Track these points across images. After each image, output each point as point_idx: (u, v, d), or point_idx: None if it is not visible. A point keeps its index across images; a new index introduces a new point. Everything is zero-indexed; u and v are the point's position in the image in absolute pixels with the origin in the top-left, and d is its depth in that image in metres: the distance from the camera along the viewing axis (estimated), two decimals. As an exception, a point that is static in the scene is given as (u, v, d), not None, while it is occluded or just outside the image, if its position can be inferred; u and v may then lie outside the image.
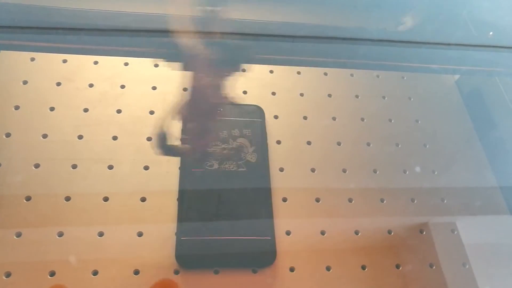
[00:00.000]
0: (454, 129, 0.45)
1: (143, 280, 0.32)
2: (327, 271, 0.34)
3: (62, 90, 0.39)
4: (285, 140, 0.41)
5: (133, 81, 0.41)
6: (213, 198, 0.36)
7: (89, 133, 0.37)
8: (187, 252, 0.33)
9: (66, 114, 0.38)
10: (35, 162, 0.35)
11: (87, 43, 0.36)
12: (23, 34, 0.34)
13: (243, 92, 0.42)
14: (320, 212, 0.37)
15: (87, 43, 0.36)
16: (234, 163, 0.37)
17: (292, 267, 0.34)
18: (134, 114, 0.39)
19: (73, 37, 0.34)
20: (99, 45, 0.36)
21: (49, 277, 0.31)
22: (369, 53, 0.39)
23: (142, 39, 0.33)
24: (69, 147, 0.37)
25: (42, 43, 0.36)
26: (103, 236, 0.33)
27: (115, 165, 0.36)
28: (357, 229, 0.37)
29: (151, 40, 0.34)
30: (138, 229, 0.34)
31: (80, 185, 0.35)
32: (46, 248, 0.32)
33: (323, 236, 0.36)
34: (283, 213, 0.36)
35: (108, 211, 0.34)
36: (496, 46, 0.40)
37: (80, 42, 0.35)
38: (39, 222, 0.33)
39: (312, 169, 0.39)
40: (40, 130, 0.37)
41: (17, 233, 0.32)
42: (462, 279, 0.36)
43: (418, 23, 0.42)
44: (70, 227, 0.33)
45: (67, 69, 0.41)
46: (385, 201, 0.39)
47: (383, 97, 0.46)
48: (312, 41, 0.37)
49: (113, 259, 0.32)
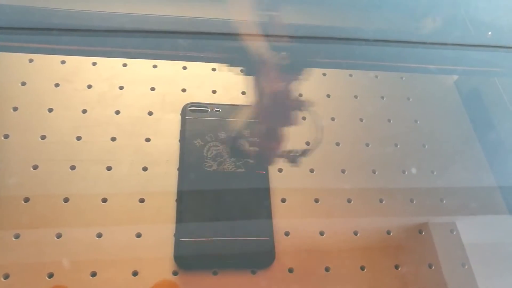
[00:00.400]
0: (453, 129, 0.45)
1: (142, 282, 0.32)
2: (326, 271, 0.34)
3: (60, 91, 0.39)
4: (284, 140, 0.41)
5: (132, 82, 0.41)
6: (212, 199, 0.36)
7: (88, 134, 0.37)
8: (185, 253, 0.33)
9: (65, 115, 0.38)
10: (34, 163, 0.35)
11: (86, 45, 0.36)
12: (21, 35, 0.34)
13: (242, 93, 0.42)
14: (319, 212, 0.37)
15: (85, 44, 0.36)
16: (233, 164, 0.37)
17: (291, 268, 0.34)
18: (133, 115, 0.39)
19: (71, 38, 0.34)
20: (98, 46, 0.36)
21: (48, 279, 0.31)
22: (367, 53, 0.39)
23: (140, 40, 0.33)
24: (67, 148, 0.36)
25: (40, 45, 0.36)
26: (102, 237, 0.33)
27: (113, 166, 0.36)
28: (356, 230, 0.37)
29: (149, 41, 0.34)
30: (136, 230, 0.34)
31: (79, 186, 0.35)
32: (44, 250, 0.32)
33: (322, 237, 0.36)
34: (282, 214, 0.36)
35: (107, 212, 0.34)
36: (495, 46, 0.40)
37: (79, 44, 0.35)
38: (37, 223, 0.33)
39: (311, 169, 0.39)
40: (38, 131, 0.37)
41: (16, 235, 0.32)
42: (462, 279, 0.36)
43: (417, 23, 0.42)
44: (69, 228, 0.33)
45: (66, 70, 0.41)
46: (384, 202, 0.39)
47: (382, 97, 0.46)
48: (310, 42, 0.37)
49: (112, 260, 0.32)
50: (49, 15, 0.35)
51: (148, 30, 0.32)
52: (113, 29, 0.32)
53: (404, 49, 0.40)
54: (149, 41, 0.34)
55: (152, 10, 0.35)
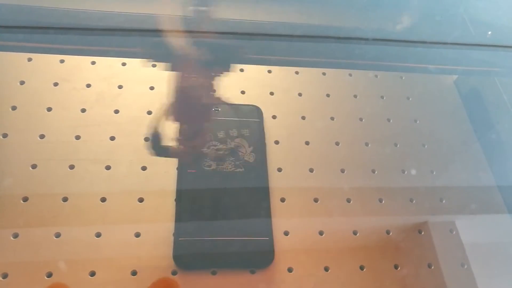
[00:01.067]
0: (453, 129, 0.45)
1: (141, 281, 0.32)
2: (326, 271, 0.34)
3: (59, 91, 0.39)
4: (283, 140, 0.40)
5: (131, 82, 0.41)
6: (211, 199, 0.35)
7: (87, 133, 0.37)
8: (184, 253, 0.33)
9: (63, 114, 0.38)
10: (32, 163, 0.35)
11: (85, 44, 0.36)
12: (19, 34, 0.34)
13: (241, 92, 0.42)
14: (319, 212, 0.37)
15: (84, 43, 0.36)
16: (232, 164, 0.37)
17: (290, 268, 0.34)
18: (132, 115, 0.39)
19: (70, 37, 0.34)
20: (97, 46, 0.36)
21: (46, 278, 0.31)
22: (367, 53, 0.39)
23: (139, 39, 0.33)
24: (66, 148, 0.36)
25: (39, 44, 0.36)
26: (101, 236, 0.33)
27: (112, 166, 0.36)
28: (355, 229, 0.37)
29: (147, 40, 0.34)
30: (135, 230, 0.34)
31: (78, 185, 0.35)
32: (43, 249, 0.32)
33: (322, 237, 0.36)
34: (281, 213, 0.36)
35: (106, 211, 0.34)
36: (494, 46, 0.40)
37: (77, 43, 0.35)
38: (36, 222, 0.33)
39: (310, 169, 0.39)
40: (37, 130, 0.37)
41: (14, 234, 0.32)
42: (461, 279, 0.36)
43: (416, 22, 0.42)
44: (67, 228, 0.33)
45: (64, 69, 0.41)
46: (383, 201, 0.39)
47: (381, 97, 0.46)
48: (310, 41, 0.37)
49: (111, 259, 0.32)
50: (48, 14, 0.35)
51: (148, 29, 0.32)
52: (112, 28, 0.32)
53: (403, 48, 0.40)
54: (148, 40, 0.34)
55: (153, 9, 0.35)
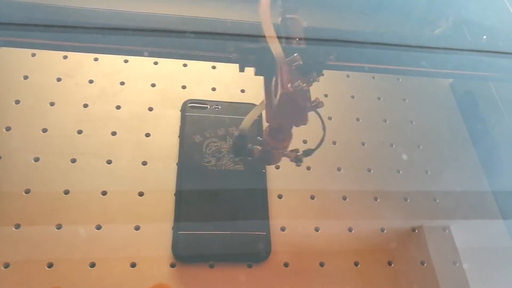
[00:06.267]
0: (448, 130, 0.46)
1: (140, 273, 0.32)
2: (321, 266, 0.35)
3: (62, 86, 0.40)
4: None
5: (133, 78, 0.42)
6: (210, 194, 0.36)
7: (89, 128, 0.38)
8: (183, 246, 0.33)
9: (66, 109, 0.39)
10: (35, 156, 0.36)
11: (89, 42, 0.36)
12: (24, 31, 0.34)
13: (241, 91, 0.43)
14: (315, 209, 0.38)
15: (88, 41, 0.36)
16: (231, 161, 0.38)
17: (286, 263, 0.35)
18: (133, 111, 0.40)
19: (74, 35, 0.34)
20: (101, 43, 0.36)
21: (47, 269, 0.31)
22: (364, 55, 0.40)
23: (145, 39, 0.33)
24: (68, 142, 0.37)
25: (43, 41, 0.36)
26: (101, 229, 0.33)
27: (113, 160, 0.37)
28: (350, 227, 0.38)
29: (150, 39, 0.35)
30: (135, 223, 0.34)
31: (79, 179, 0.36)
32: (44, 240, 0.32)
33: (317, 233, 0.37)
34: (279, 210, 0.37)
35: (106, 205, 0.35)
36: (489, 51, 0.41)
37: (81, 41, 0.36)
38: (37, 214, 0.33)
39: (307, 167, 0.40)
40: (40, 124, 0.37)
41: (16, 225, 0.33)
42: (453, 276, 0.37)
43: (414, 26, 0.42)
44: (68, 220, 0.33)
45: (68, 65, 0.41)
46: (378, 200, 0.39)
47: (378, 98, 0.47)
48: (308, 43, 0.38)
49: (111, 252, 0.33)
50: (53, 12, 0.35)
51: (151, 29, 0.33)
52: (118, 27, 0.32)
53: (400, 52, 0.41)
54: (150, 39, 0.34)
55: (155, 9, 0.36)
